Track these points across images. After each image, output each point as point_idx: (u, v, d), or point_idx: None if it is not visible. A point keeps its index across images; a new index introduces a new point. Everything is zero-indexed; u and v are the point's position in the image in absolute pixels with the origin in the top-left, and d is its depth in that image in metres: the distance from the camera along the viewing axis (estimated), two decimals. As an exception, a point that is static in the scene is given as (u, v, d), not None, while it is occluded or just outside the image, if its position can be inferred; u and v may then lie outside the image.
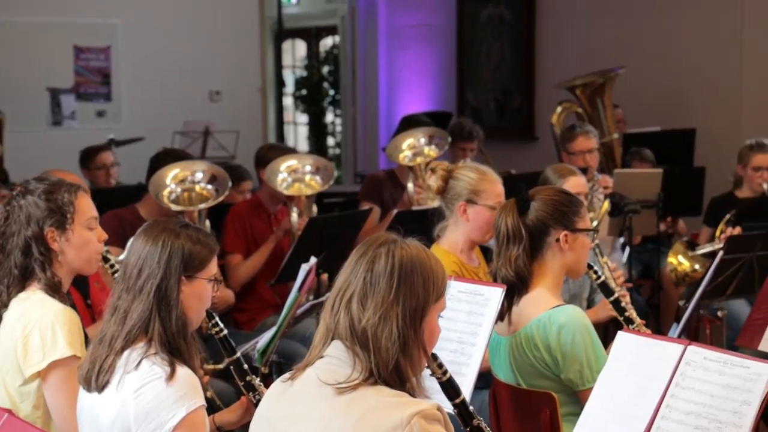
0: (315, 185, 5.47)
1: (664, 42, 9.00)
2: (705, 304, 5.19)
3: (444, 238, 4.06)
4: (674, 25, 8.95)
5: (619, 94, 8.26)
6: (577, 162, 6.21)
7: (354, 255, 2.30)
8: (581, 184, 4.85)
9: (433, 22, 10.81)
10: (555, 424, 3.07)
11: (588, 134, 6.30)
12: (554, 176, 4.88)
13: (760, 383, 2.43)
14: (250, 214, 5.51)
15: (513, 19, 10.18)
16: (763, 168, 6.12)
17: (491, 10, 10.33)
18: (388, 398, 2.17)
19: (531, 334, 3.15)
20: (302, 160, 5.60)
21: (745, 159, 6.20)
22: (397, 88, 10.96)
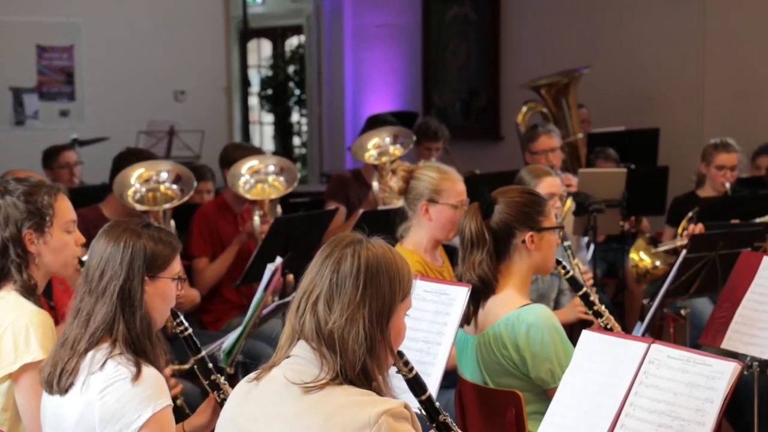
0: (279, 186, 5.44)
1: (628, 42, 9.06)
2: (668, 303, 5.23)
3: (408, 238, 4.07)
4: (638, 26, 9.01)
5: (583, 93, 8.30)
6: (539, 161, 6.25)
7: (319, 256, 2.29)
8: (556, 184, 4.88)
9: (398, 22, 10.82)
10: (520, 423, 3.08)
11: (550, 133, 6.35)
12: (529, 177, 4.90)
13: (723, 381, 2.45)
14: (215, 216, 5.48)
15: (478, 19, 10.21)
16: (726, 167, 6.17)
17: (456, 10, 10.35)
18: (355, 397, 2.17)
19: (499, 333, 3.15)
20: (265, 160, 5.56)
21: (708, 158, 6.25)
22: (363, 87, 10.96)
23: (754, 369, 3.91)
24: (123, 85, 9.26)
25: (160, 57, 9.44)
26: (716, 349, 3.86)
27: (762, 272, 3.91)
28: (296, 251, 4.85)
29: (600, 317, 3.60)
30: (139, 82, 9.34)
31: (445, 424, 2.43)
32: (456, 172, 4.13)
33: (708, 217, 5.38)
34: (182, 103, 9.64)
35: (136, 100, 9.26)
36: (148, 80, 9.39)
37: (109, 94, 9.23)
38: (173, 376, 3.24)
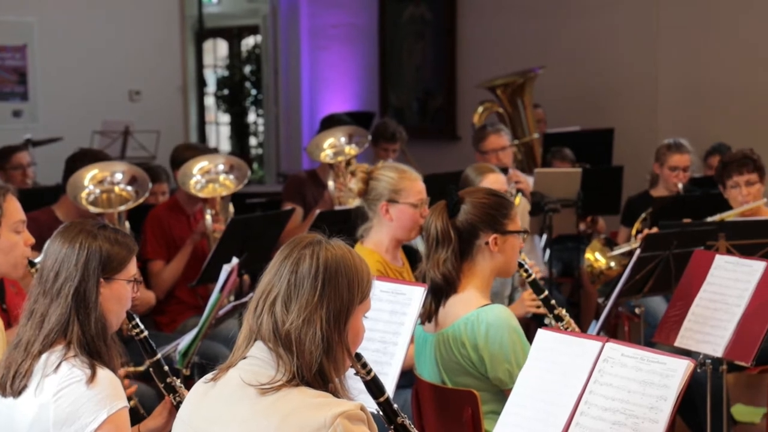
0: (229, 185, 5.41)
1: (584, 43, 9.13)
2: (623, 302, 5.28)
3: (368, 238, 4.08)
4: (593, 26, 9.08)
5: (539, 94, 8.35)
6: (490, 160, 6.28)
7: (278, 256, 2.28)
8: (500, 181, 4.90)
9: (355, 22, 10.82)
10: (477, 422, 3.09)
11: (499, 132, 6.37)
12: (473, 174, 4.92)
13: (676, 379, 2.47)
14: (168, 217, 5.44)
15: (434, 20, 10.23)
16: (680, 168, 6.23)
17: (413, 10, 10.37)
18: (311, 399, 2.16)
19: (458, 332, 3.16)
20: (214, 160, 5.53)
21: (662, 158, 6.31)
22: (320, 87, 10.94)
23: (707, 366, 3.96)
24: (77, 85, 9.18)
25: (114, 56, 9.37)
26: (670, 347, 3.90)
27: (714, 271, 3.95)
28: (253, 252, 4.83)
29: (560, 321, 3.62)
30: (93, 81, 9.26)
31: (403, 426, 2.43)
32: (415, 172, 4.14)
33: (661, 217, 5.43)
34: (137, 103, 9.57)
35: (91, 100, 9.18)
36: (103, 80, 9.31)
37: (62, 94, 9.14)
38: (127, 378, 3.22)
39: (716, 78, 8.40)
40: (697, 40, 8.52)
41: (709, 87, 8.45)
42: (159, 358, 3.00)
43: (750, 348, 3.73)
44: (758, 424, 5.50)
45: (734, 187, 5.18)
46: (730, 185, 5.20)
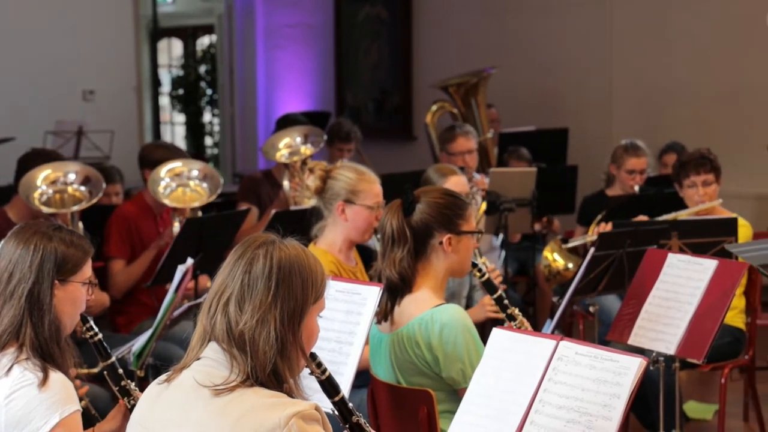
0: (201, 192, 5.33)
1: (538, 43, 9.18)
2: (577, 300, 5.31)
3: (322, 237, 4.07)
4: (547, 27, 9.14)
5: (494, 93, 8.39)
6: (456, 162, 6.29)
7: (232, 256, 2.27)
8: (462, 183, 4.92)
9: (310, 22, 10.81)
10: (432, 422, 3.10)
11: (468, 135, 6.40)
12: (436, 175, 4.94)
13: (629, 376, 2.49)
14: (135, 217, 5.38)
15: (390, 19, 10.25)
16: (636, 171, 6.26)
17: (368, 9, 10.37)
18: (265, 399, 2.16)
19: (413, 332, 3.17)
20: (189, 164, 5.43)
21: (619, 161, 6.32)
22: (276, 87, 10.92)
23: (660, 364, 4.00)
24: (30, 85, 9.07)
25: (68, 56, 9.28)
26: (623, 345, 3.93)
27: (667, 269, 3.99)
28: (208, 252, 4.81)
29: (513, 320, 3.64)
30: (46, 81, 9.16)
31: (358, 425, 2.44)
32: (373, 174, 4.14)
33: (616, 216, 5.47)
34: (91, 102, 9.49)
35: (44, 99, 9.08)
36: (56, 79, 9.21)
37: (15, 94, 9.03)
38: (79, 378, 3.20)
39: (669, 78, 8.48)
40: (649, 41, 8.60)
41: (662, 87, 8.53)
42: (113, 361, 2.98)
43: (702, 345, 3.77)
44: (710, 421, 5.57)
45: (691, 186, 5.23)
46: (687, 185, 5.25)
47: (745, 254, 3.59)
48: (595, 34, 8.90)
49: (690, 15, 8.38)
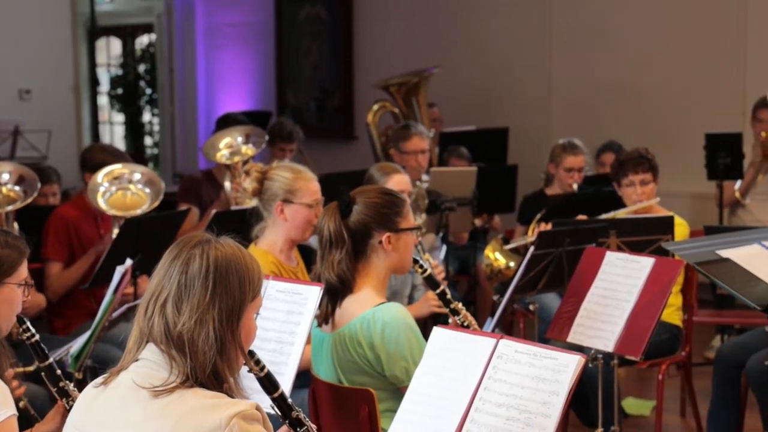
0: (143, 196, 5.26)
1: (479, 43, 9.23)
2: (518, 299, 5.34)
3: (262, 238, 4.06)
4: (487, 27, 9.19)
5: (435, 93, 8.42)
6: (409, 161, 6.31)
7: (167, 256, 2.25)
8: (404, 181, 4.94)
9: (251, 21, 10.77)
10: (373, 421, 3.11)
11: (422, 134, 6.46)
12: (378, 174, 4.94)
13: (568, 374, 2.51)
14: (75, 219, 5.30)
15: (331, 19, 10.24)
16: (575, 169, 6.33)
17: (309, 9, 10.36)
18: (205, 400, 2.14)
19: (355, 332, 3.17)
20: (131, 168, 5.35)
21: (557, 159, 6.40)
22: (216, 87, 10.86)
23: (599, 361, 4.04)
24: (-36, 84, 8.95)
25: (3, 54, 9.14)
26: (563, 342, 3.97)
27: (605, 267, 4.04)
28: (147, 252, 4.77)
29: (457, 314, 3.66)
30: (-19, 80, 9.04)
31: (298, 419, 2.43)
32: (310, 172, 4.14)
33: (556, 215, 5.52)
34: (28, 102, 9.36)
35: (-21, 99, 8.96)
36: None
37: (-51, 93, 8.90)
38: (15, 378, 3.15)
39: (607, 78, 8.57)
40: (588, 41, 8.69)
41: (600, 87, 8.62)
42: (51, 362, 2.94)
43: (639, 342, 3.82)
44: (648, 417, 5.64)
45: (629, 185, 5.29)
46: (625, 184, 5.31)
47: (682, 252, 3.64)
48: (534, 35, 8.97)
49: (628, 15, 8.48)
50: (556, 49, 8.87)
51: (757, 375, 4.55)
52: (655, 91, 8.32)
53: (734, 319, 6.32)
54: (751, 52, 7.86)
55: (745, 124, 7.29)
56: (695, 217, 7.55)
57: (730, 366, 4.80)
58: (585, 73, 8.71)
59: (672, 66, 8.24)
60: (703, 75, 8.09)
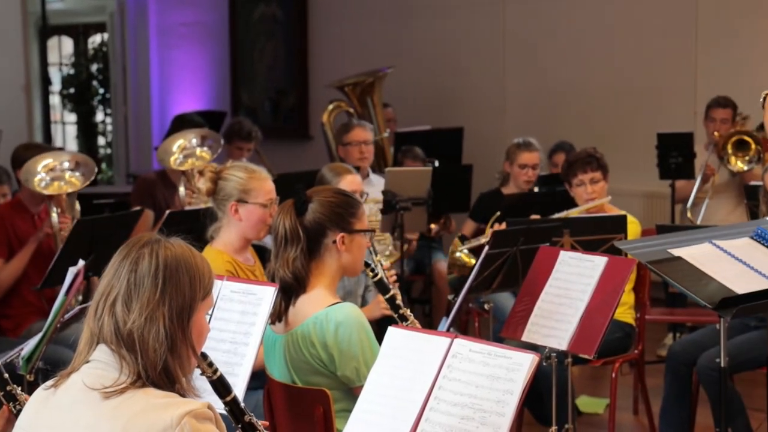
0: (75, 182, 5.27)
1: (433, 43, 9.26)
2: (473, 298, 5.36)
3: (218, 238, 4.06)
4: (442, 27, 9.22)
5: (390, 93, 8.42)
6: (353, 153, 6.33)
7: (117, 257, 2.24)
8: (356, 182, 4.95)
9: (205, 21, 10.71)
10: (328, 421, 3.10)
11: (364, 127, 6.49)
12: (330, 174, 4.95)
13: (522, 373, 2.52)
14: (11, 217, 5.28)
15: (285, 19, 10.21)
16: (529, 166, 6.41)
17: (264, 9, 10.32)
18: (156, 400, 2.13)
19: (308, 332, 3.16)
20: (59, 157, 5.38)
21: (512, 157, 6.48)
22: (170, 86, 10.79)
23: (552, 360, 4.07)
24: None
25: (-47, 54, 9.05)
26: (517, 341, 3.99)
27: (559, 266, 4.06)
28: (100, 253, 4.73)
29: (405, 321, 3.66)
30: (-70, 80, 8.92)
31: (251, 424, 2.42)
32: (264, 171, 4.14)
33: (510, 215, 5.55)
34: (-22, 102, 9.26)
35: (-73, 98, 8.84)
36: (-59, 78, 8.98)
37: None
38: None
39: (560, 78, 8.63)
40: (541, 42, 8.75)
41: (553, 87, 8.68)
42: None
43: (593, 341, 3.85)
44: (602, 415, 5.68)
45: (579, 185, 5.34)
46: (575, 183, 5.36)
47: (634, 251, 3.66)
48: (488, 36, 9.01)
49: (580, 17, 8.55)
50: (510, 50, 8.91)
51: (708, 372, 4.60)
52: (608, 91, 8.39)
53: (686, 317, 6.39)
54: (702, 52, 7.95)
55: (697, 123, 7.37)
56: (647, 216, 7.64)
57: (681, 364, 4.85)
58: (538, 73, 8.77)
59: (624, 67, 8.32)
60: (654, 75, 8.16)
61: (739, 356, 4.58)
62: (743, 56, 7.73)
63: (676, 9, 8.08)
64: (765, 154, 6.72)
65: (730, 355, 3.97)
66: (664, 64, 8.11)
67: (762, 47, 7.66)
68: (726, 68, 7.79)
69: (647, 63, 8.19)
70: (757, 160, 6.62)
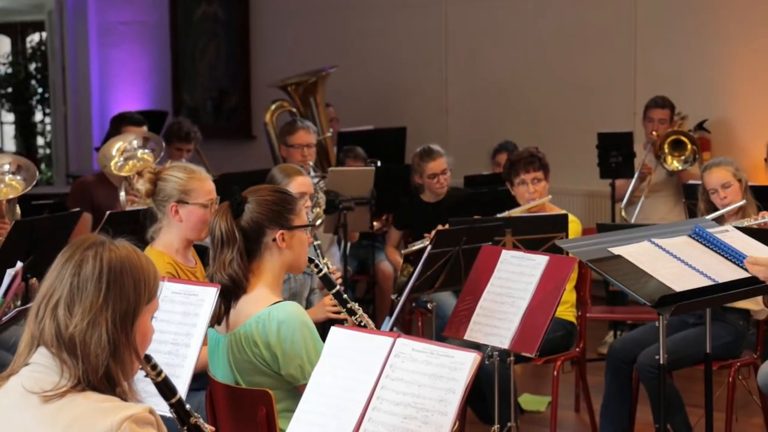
0: (17, 186, 5.19)
1: (375, 43, 9.27)
2: (416, 297, 5.38)
3: (158, 239, 4.02)
4: (384, 27, 9.24)
5: (333, 93, 8.42)
6: (295, 155, 6.32)
7: (59, 259, 2.21)
8: (307, 183, 4.93)
9: (145, 20, 10.63)
10: (271, 422, 3.09)
11: (308, 129, 6.46)
12: (280, 176, 4.93)
13: (464, 371, 2.53)
14: None
15: (227, 18, 10.17)
16: (437, 174, 6.37)
17: (205, 8, 10.27)
18: (97, 404, 2.10)
19: (250, 331, 3.15)
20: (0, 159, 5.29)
21: (419, 169, 6.41)
22: (111, 86, 10.69)
23: (495, 358, 4.09)
24: None
25: None
26: (460, 340, 4.01)
27: (501, 265, 4.09)
28: (39, 255, 4.67)
29: (354, 315, 3.67)
30: None
31: (196, 426, 2.41)
32: (204, 171, 4.11)
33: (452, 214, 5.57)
34: None
35: None
36: None
37: None
38: None
39: (502, 78, 8.69)
40: (483, 42, 8.79)
41: (495, 86, 8.73)
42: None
43: (534, 339, 3.88)
44: (543, 412, 5.73)
45: (521, 184, 5.37)
46: (517, 183, 5.39)
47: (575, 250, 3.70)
48: (431, 35, 9.04)
49: (522, 17, 8.61)
50: (452, 50, 8.95)
51: (648, 369, 4.66)
52: (550, 91, 8.46)
53: (626, 315, 6.46)
54: (641, 53, 8.05)
55: (636, 123, 7.46)
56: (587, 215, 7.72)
57: (621, 361, 4.90)
58: (480, 73, 8.82)
59: (565, 67, 8.39)
60: (595, 76, 8.25)
61: (677, 353, 4.65)
62: (682, 57, 7.85)
63: (615, 10, 8.17)
64: (701, 154, 6.83)
65: (669, 352, 4.03)
66: (605, 64, 8.20)
67: (700, 48, 7.77)
68: (665, 69, 7.89)
69: (588, 63, 8.27)
70: (693, 159, 6.73)
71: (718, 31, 7.71)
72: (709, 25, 7.75)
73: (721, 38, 7.69)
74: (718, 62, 7.71)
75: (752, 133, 7.32)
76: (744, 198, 5.12)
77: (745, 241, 3.74)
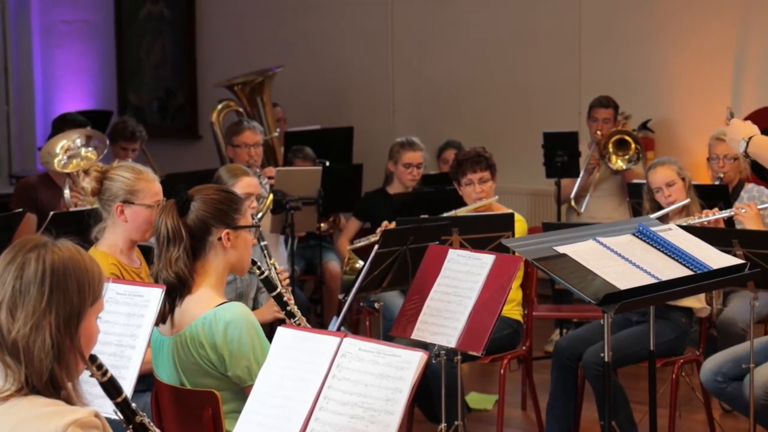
0: None
1: (322, 42, 9.26)
2: (363, 297, 5.39)
3: (102, 239, 3.99)
4: (331, 27, 9.23)
5: (280, 93, 8.40)
6: (242, 155, 6.30)
7: (1, 261, 2.17)
8: (254, 184, 4.92)
9: (89, 19, 10.52)
10: (217, 423, 3.08)
11: (254, 129, 6.46)
12: (227, 176, 4.91)
13: (410, 371, 2.54)
14: None
15: (173, 17, 10.10)
16: (413, 165, 6.45)
17: (150, 7, 10.19)
18: (41, 408, 2.08)
19: (196, 333, 3.13)
20: None
21: (396, 156, 6.51)
22: (54, 86, 10.57)
23: (442, 357, 4.10)
24: None
25: None
26: (407, 340, 4.02)
27: (448, 264, 4.10)
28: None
29: (293, 317, 3.67)
30: None
31: (142, 424, 2.39)
32: (151, 172, 4.09)
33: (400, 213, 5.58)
34: None
35: None
36: None
37: None
38: None
39: (448, 77, 8.72)
40: (430, 40, 8.82)
41: (441, 86, 8.76)
42: None
43: (481, 338, 3.89)
44: (490, 411, 5.76)
45: (468, 184, 5.40)
46: (464, 183, 5.42)
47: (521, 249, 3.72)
48: (377, 34, 9.05)
49: (467, 16, 8.64)
50: (398, 49, 8.97)
51: (593, 367, 4.71)
52: (496, 91, 8.51)
53: (572, 313, 6.52)
54: (585, 53, 8.12)
55: (581, 123, 7.52)
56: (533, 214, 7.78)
57: (567, 359, 4.94)
58: (426, 72, 8.84)
59: (511, 67, 8.44)
60: (540, 75, 8.31)
61: (622, 351, 4.70)
62: (626, 57, 7.93)
63: (560, 11, 8.23)
64: (645, 154, 6.91)
65: (614, 349, 4.06)
66: (550, 64, 8.26)
67: (644, 48, 7.86)
68: (609, 69, 7.97)
69: (533, 63, 8.33)
70: (637, 159, 6.81)
71: (661, 31, 7.80)
72: (653, 25, 7.84)
73: (664, 39, 7.78)
74: (662, 62, 7.80)
75: (695, 132, 7.41)
76: (688, 196, 5.19)
77: (688, 240, 3.78)
